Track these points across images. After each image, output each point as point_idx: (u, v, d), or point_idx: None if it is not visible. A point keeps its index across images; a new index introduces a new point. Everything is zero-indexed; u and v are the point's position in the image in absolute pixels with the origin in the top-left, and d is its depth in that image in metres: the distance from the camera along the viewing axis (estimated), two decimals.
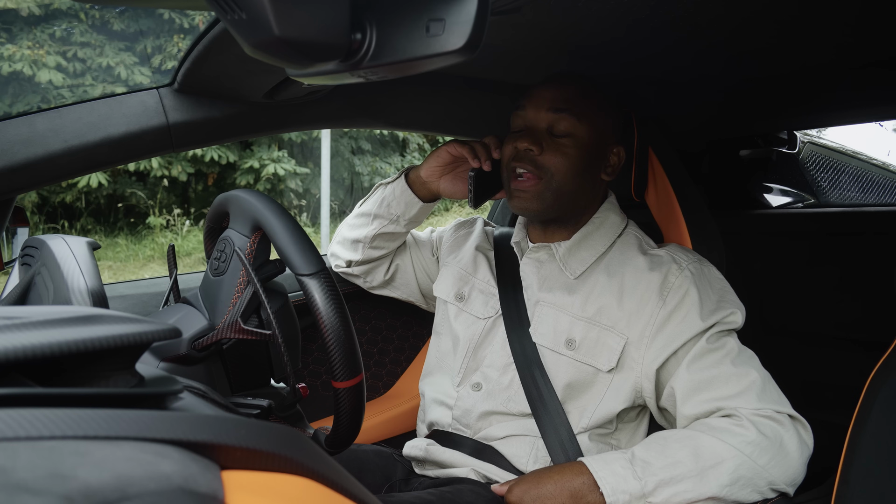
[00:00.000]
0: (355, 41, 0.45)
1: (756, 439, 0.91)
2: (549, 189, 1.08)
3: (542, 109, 1.08)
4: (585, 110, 1.08)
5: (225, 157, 7.27)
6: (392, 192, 1.25)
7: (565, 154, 1.07)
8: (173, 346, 0.87)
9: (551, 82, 1.10)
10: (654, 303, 1.02)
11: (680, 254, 1.08)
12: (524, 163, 1.07)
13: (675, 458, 0.91)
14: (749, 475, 0.90)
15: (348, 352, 0.77)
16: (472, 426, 1.11)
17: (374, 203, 1.28)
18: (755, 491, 0.90)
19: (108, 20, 6.52)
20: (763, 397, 0.95)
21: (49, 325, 0.41)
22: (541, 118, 1.09)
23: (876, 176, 2.36)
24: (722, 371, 0.97)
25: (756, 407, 0.94)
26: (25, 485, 0.26)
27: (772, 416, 0.93)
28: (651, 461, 0.91)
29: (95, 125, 1.03)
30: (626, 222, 1.16)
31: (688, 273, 1.04)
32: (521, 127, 1.11)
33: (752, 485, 0.90)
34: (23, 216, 1.14)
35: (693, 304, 1.01)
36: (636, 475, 0.90)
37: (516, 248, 1.18)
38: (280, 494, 0.37)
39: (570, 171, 1.07)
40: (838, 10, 0.86)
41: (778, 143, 1.96)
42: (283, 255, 0.81)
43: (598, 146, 1.10)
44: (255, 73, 1.01)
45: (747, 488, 0.90)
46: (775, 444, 0.91)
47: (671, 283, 1.03)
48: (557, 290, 1.10)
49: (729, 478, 0.89)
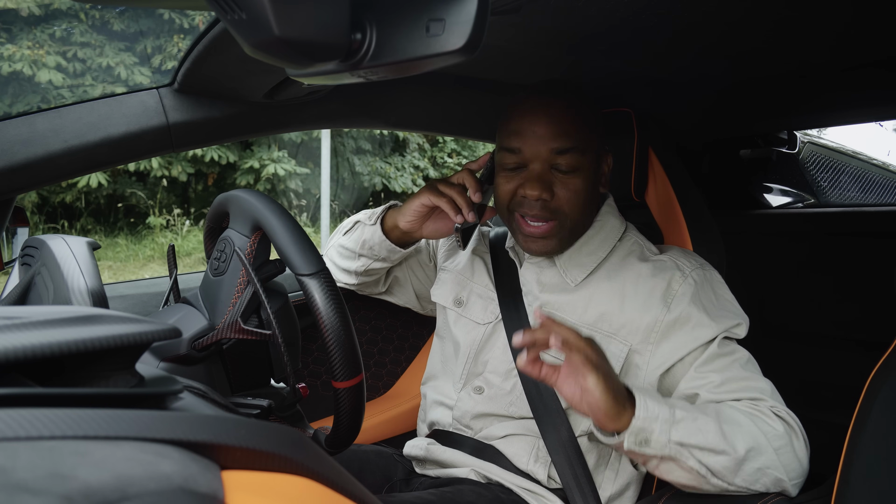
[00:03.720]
0: (355, 41, 0.45)
1: (775, 428, 0.89)
2: (565, 228, 1.04)
3: (543, 150, 1.01)
4: (585, 139, 1.02)
5: (225, 157, 7.27)
6: (371, 238, 1.18)
7: (575, 191, 1.02)
8: (173, 346, 0.87)
9: (544, 111, 1.01)
10: (657, 309, 1.01)
11: (682, 259, 1.06)
12: (534, 210, 1.02)
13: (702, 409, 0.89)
14: (762, 453, 0.87)
15: (348, 352, 0.77)
16: (472, 426, 1.11)
17: (355, 243, 1.21)
18: (762, 474, 0.87)
19: (108, 20, 6.52)
20: (775, 398, 0.95)
21: (49, 325, 0.41)
22: (541, 157, 1.01)
23: (876, 176, 2.36)
24: (733, 374, 0.96)
25: (771, 404, 0.93)
26: (25, 485, 0.26)
27: (785, 416, 0.93)
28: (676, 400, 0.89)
29: (95, 125, 1.03)
30: (626, 225, 1.14)
31: (692, 280, 1.03)
32: (516, 164, 1.04)
33: (760, 462, 0.87)
34: (23, 216, 1.14)
35: (700, 312, 1.00)
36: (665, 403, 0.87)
37: (512, 253, 1.16)
38: (280, 494, 0.37)
39: (581, 207, 1.04)
40: (834, 10, 0.86)
41: (778, 143, 1.96)
42: (283, 255, 0.81)
43: (598, 166, 1.07)
44: (255, 73, 1.01)
45: (754, 464, 0.86)
46: (789, 441, 0.90)
47: (675, 291, 1.02)
48: (558, 297, 1.08)
49: (744, 446, 0.86)
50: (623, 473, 1.06)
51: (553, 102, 1.02)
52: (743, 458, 0.86)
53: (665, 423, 0.84)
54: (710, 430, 0.85)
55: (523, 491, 1.03)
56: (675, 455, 0.84)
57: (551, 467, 1.04)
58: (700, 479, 0.86)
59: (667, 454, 0.84)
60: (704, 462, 0.85)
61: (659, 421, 0.83)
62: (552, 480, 1.05)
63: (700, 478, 0.86)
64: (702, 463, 0.85)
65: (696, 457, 0.85)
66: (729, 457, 0.85)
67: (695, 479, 0.87)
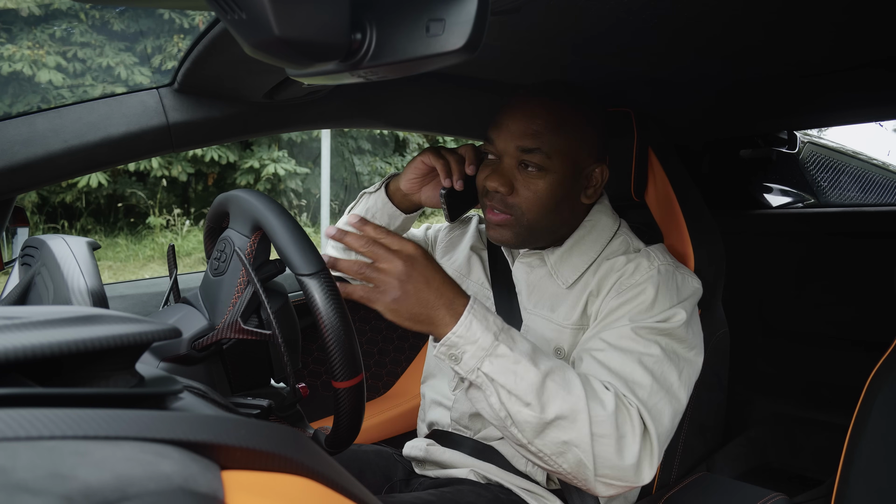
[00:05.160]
0: (355, 41, 0.45)
1: (605, 414, 0.85)
2: (521, 224, 1.04)
3: (511, 145, 1.01)
4: (557, 144, 1.00)
5: (225, 157, 7.28)
6: (375, 204, 1.19)
7: (535, 192, 1.01)
8: (173, 346, 0.87)
9: (522, 108, 1.02)
10: (613, 292, 1.01)
11: (658, 253, 1.04)
12: (494, 201, 1.04)
13: (538, 360, 0.85)
14: (574, 428, 0.83)
15: (348, 352, 0.77)
16: (471, 426, 1.11)
17: (360, 212, 1.22)
18: (566, 448, 0.84)
19: (108, 20, 6.52)
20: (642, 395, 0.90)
21: (49, 325, 0.41)
22: (509, 153, 1.02)
23: (876, 176, 2.36)
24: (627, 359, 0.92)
25: (631, 397, 0.89)
26: (25, 485, 0.26)
27: (635, 414, 0.88)
28: (518, 342, 0.87)
29: (95, 125, 1.03)
30: (619, 223, 1.13)
31: (655, 272, 1.01)
32: (491, 156, 1.06)
33: (568, 436, 0.83)
34: (23, 216, 1.14)
35: (645, 302, 0.97)
36: (494, 334, 0.85)
37: (504, 251, 1.16)
38: (280, 494, 0.37)
39: (542, 209, 1.02)
40: (834, 10, 0.86)
41: (778, 143, 1.96)
42: (283, 255, 0.81)
43: (575, 175, 1.03)
44: (255, 73, 1.01)
45: (560, 434, 0.84)
46: (615, 434, 0.85)
47: (635, 279, 1.00)
48: (546, 299, 1.08)
49: (556, 411, 0.83)
50: None
51: (533, 101, 1.02)
52: (549, 422, 0.83)
53: (480, 350, 0.84)
54: (528, 380, 0.83)
55: (523, 491, 1.03)
56: (481, 385, 0.85)
57: None
58: (500, 421, 0.85)
59: (474, 380, 0.85)
60: (507, 406, 0.84)
61: (475, 346, 0.84)
62: (551, 481, 1.05)
63: (500, 420, 0.85)
64: (503, 406, 0.84)
65: (501, 398, 0.84)
66: (533, 413, 0.83)
67: (496, 420, 0.86)
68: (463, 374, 0.85)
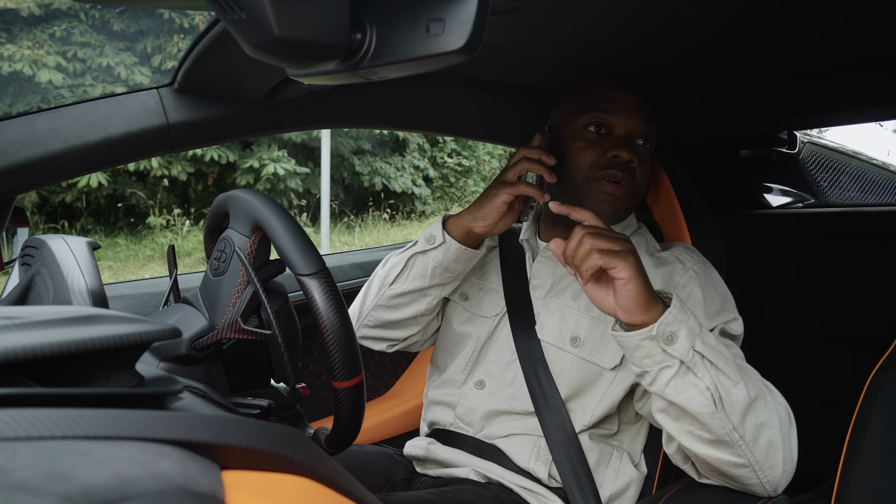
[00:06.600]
0: (355, 41, 0.45)
1: (785, 405, 0.88)
2: (633, 196, 1.10)
3: (634, 118, 1.07)
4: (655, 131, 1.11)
5: (225, 156, 7.28)
6: (444, 257, 1.10)
7: (647, 168, 1.10)
8: (173, 346, 0.87)
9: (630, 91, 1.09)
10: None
11: (684, 254, 1.09)
12: (623, 172, 1.06)
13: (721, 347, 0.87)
14: (768, 410, 0.85)
15: (348, 352, 0.77)
16: (474, 424, 1.11)
17: (421, 277, 1.12)
18: (762, 432, 0.84)
19: (108, 20, 6.52)
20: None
21: (49, 325, 0.41)
22: (633, 127, 1.08)
23: (876, 176, 2.36)
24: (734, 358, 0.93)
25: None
26: (25, 485, 0.26)
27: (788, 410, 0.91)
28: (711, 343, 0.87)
29: (95, 125, 1.03)
30: (639, 225, 1.19)
31: (692, 273, 1.06)
32: (602, 133, 1.08)
33: (764, 417, 0.84)
34: (23, 216, 1.14)
35: (698, 303, 1.01)
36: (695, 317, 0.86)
37: (525, 246, 1.17)
38: (280, 494, 0.37)
39: (643, 182, 1.11)
40: (833, 10, 0.86)
41: (778, 143, 1.96)
42: (283, 255, 0.81)
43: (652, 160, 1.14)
44: (255, 73, 1.01)
45: (758, 416, 0.84)
46: (790, 425, 0.88)
47: (675, 282, 1.04)
48: (570, 289, 1.10)
49: (755, 391, 0.84)
50: (624, 473, 1.06)
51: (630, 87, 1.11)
52: (752, 400, 0.83)
53: (691, 332, 0.83)
54: (728, 361, 0.85)
55: (523, 490, 1.03)
56: (694, 367, 0.82)
57: (552, 466, 1.04)
58: (710, 406, 0.82)
59: (688, 360, 0.82)
60: (720, 387, 0.82)
61: (687, 326, 0.83)
62: (552, 479, 1.05)
63: (711, 405, 0.82)
64: (717, 387, 0.82)
65: (713, 375, 0.83)
66: (741, 392, 0.83)
67: (703, 407, 0.83)
68: (679, 356, 0.83)
